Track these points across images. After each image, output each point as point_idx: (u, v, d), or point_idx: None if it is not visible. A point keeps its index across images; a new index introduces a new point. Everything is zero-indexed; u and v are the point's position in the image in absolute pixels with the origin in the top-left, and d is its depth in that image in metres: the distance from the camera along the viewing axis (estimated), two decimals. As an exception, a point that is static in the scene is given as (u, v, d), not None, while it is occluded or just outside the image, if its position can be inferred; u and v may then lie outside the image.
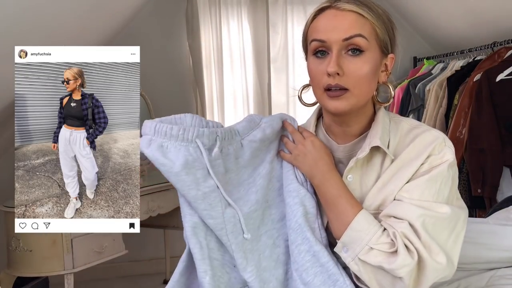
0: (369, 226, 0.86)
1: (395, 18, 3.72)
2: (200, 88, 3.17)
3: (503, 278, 1.26)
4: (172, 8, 3.19)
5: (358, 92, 0.88)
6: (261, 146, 0.96)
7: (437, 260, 0.82)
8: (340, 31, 0.86)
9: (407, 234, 0.83)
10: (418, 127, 0.94)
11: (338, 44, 0.87)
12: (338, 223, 0.89)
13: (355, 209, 0.88)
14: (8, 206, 2.13)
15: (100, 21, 2.58)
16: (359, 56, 0.87)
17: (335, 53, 0.87)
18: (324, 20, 0.89)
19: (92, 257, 2.19)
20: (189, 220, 0.90)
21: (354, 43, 0.86)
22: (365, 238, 0.85)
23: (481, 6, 2.60)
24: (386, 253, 0.83)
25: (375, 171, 0.93)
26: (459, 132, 2.40)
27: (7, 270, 2.15)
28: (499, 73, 2.26)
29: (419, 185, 0.87)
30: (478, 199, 2.32)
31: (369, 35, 0.88)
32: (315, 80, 0.91)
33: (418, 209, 0.84)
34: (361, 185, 0.93)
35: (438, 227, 0.84)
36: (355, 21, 0.87)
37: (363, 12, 0.87)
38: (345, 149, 0.97)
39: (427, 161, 0.89)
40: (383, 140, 0.91)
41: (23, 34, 1.81)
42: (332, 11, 0.88)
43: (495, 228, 1.40)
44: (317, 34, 0.89)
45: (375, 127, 0.93)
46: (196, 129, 0.88)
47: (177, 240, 3.19)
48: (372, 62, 0.88)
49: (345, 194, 0.90)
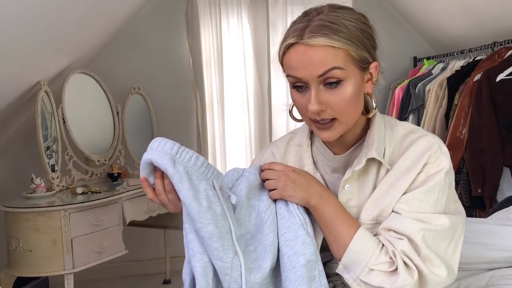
0: (367, 246, 0.86)
1: (395, 18, 3.70)
2: (200, 88, 3.17)
3: (503, 278, 1.26)
4: (172, 8, 3.19)
5: (345, 118, 0.88)
6: (250, 194, 0.94)
7: (438, 273, 0.84)
8: (312, 68, 0.83)
9: (406, 252, 0.84)
10: (414, 132, 0.94)
11: (314, 80, 0.84)
12: (337, 245, 0.89)
13: (352, 230, 0.88)
14: (8, 206, 2.13)
15: (100, 21, 2.58)
16: (338, 87, 0.85)
17: (314, 90, 0.85)
18: (295, 58, 0.85)
19: (92, 257, 2.19)
20: (199, 259, 0.86)
21: (330, 76, 0.84)
22: (364, 260, 0.86)
23: (481, 6, 2.60)
24: (386, 273, 0.84)
25: (371, 180, 0.93)
26: (459, 132, 2.40)
27: (7, 270, 2.15)
28: (499, 73, 2.26)
29: (416, 197, 0.87)
30: (478, 199, 2.32)
31: (344, 62, 0.84)
32: (301, 111, 0.91)
33: (417, 223, 0.85)
34: (359, 193, 0.93)
35: (437, 239, 0.85)
36: (326, 55, 0.82)
37: (332, 42, 0.82)
38: (341, 159, 0.97)
39: (424, 170, 0.89)
40: (379, 151, 0.91)
41: (23, 34, 1.81)
42: (301, 48, 0.83)
43: (495, 228, 1.40)
44: (291, 71, 0.86)
45: (371, 136, 0.93)
46: (213, 168, 0.87)
47: (177, 240, 3.19)
48: (353, 85, 0.86)
49: (342, 214, 0.90)
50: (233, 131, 3.30)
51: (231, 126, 3.30)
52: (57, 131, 2.43)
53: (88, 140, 2.68)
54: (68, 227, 2.09)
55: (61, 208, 2.08)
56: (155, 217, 2.65)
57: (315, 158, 1.01)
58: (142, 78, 3.15)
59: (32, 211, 2.07)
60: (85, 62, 2.88)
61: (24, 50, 1.96)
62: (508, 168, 2.28)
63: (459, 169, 2.40)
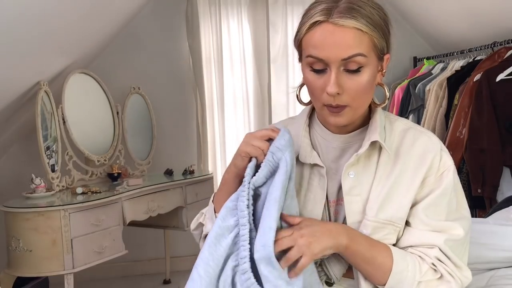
0: (407, 263, 0.89)
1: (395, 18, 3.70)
2: (200, 88, 3.17)
3: (503, 278, 1.26)
4: (172, 8, 3.19)
5: (357, 105, 0.88)
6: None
7: (467, 275, 0.91)
8: (338, 50, 0.82)
9: (441, 259, 0.89)
10: (414, 127, 0.97)
11: (337, 62, 0.83)
12: (381, 273, 0.88)
13: (388, 252, 0.89)
14: (8, 206, 2.13)
15: (101, 20, 2.58)
16: (358, 73, 0.85)
17: (334, 72, 0.84)
18: (321, 36, 0.82)
19: (92, 257, 2.19)
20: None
21: (354, 61, 0.83)
22: (410, 276, 0.88)
23: (481, 6, 2.59)
24: (434, 281, 0.89)
25: (372, 167, 0.93)
26: (459, 132, 2.40)
27: (7, 270, 2.15)
28: (499, 73, 2.26)
29: (431, 203, 0.91)
30: (478, 199, 2.32)
31: (368, 50, 0.84)
32: (314, 94, 0.90)
33: (439, 234, 0.90)
34: (361, 182, 0.93)
35: (458, 247, 0.91)
36: (354, 39, 0.81)
37: (362, 26, 0.81)
38: (341, 139, 0.97)
39: (432, 173, 0.91)
40: (381, 136, 0.92)
41: (23, 34, 1.81)
42: (329, 27, 0.82)
43: (495, 228, 1.40)
44: (313, 51, 0.84)
45: (374, 124, 0.94)
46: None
47: (177, 240, 3.19)
48: (370, 73, 0.86)
49: (371, 240, 0.90)
50: (233, 131, 3.30)
51: (231, 126, 3.30)
52: (57, 131, 2.43)
53: (88, 140, 2.68)
54: (68, 227, 2.09)
55: (61, 208, 2.08)
56: (155, 217, 2.65)
57: (313, 141, 1.00)
58: (142, 78, 3.15)
59: (32, 211, 2.07)
60: (85, 62, 2.87)
61: (24, 50, 1.95)
62: (508, 168, 2.28)
63: (459, 169, 2.40)
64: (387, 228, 0.90)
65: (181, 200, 2.77)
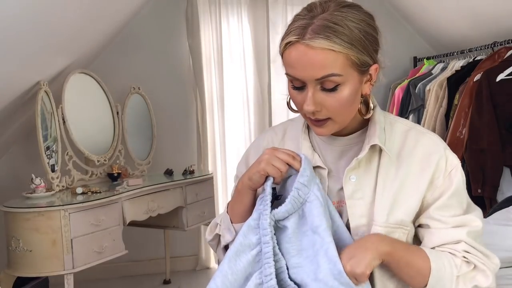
0: (442, 260, 0.89)
1: (395, 18, 3.69)
2: (200, 88, 3.17)
3: (503, 278, 1.26)
4: (172, 8, 3.19)
5: (340, 118, 0.89)
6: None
7: (496, 262, 0.93)
8: (311, 71, 0.82)
9: (469, 251, 0.90)
10: (415, 128, 0.96)
11: (311, 82, 0.83)
12: (422, 275, 0.89)
13: (423, 254, 0.90)
14: (8, 206, 2.13)
15: (101, 20, 2.58)
16: (335, 91, 0.84)
17: (310, 90, 0.84)
18: (295, 57, 0.83)
19: (92, 257, 2.19)
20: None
21: (329, 81, 0.83)
22: (448, 272, 0.89)
23: (481, 6, 2.59)
24: (470, 272, 0.90)
25: (373, 169, 0.93)
26: (459, 132, 2.40)
27: (7, 270, 2.15)
28: (499, 73, 2.26)
29: (446, 204, 0.91)
30: (478, 199, 2.31)
31: (342, 68, 0.82)
32: (297, 107, 0.91)
33: (461, 228, 0.91)
34: (363, 185, 0.93)
35: (479, 237, 0.93)
36: (326, 60, 0.81)
37: (334, 46, 0.80)
38: (340, 142, 0.96)
39: (439, 175, 0.91)
40: (381, 139, 0.91)
41: (23, 33, 1.81)
42: (302, 47, 0.81)
43: (495, 228, 1.41)
44: (290, 70, 0.85)
45: (373, 127, 0.93)
46: None
47: (177, 240, 3.19)
48: (350, 89, 0.85)
49: (405, 244, 0.91)
50: (233, 131, 3.31)
51: (231, 126, 3.30)
52: (57, 131, 2.43)
53: (88, 140, 2.68)
54: (68, 227, 2.08)
55: (61, 208, 2.08)
56: (155, 217, 2.65)
57: (313, 142, 1.00)
58: (142, 78, 3.15)
59: (32, 211, 2.07)
60: (85, 62, 2.88)
61: (24, 50, 1.95)
62: (508, 168, 2.28)
63: (459, 169, 2.40)
64: (397, 232, 0.90)
65: (181, 200, 2.77)
